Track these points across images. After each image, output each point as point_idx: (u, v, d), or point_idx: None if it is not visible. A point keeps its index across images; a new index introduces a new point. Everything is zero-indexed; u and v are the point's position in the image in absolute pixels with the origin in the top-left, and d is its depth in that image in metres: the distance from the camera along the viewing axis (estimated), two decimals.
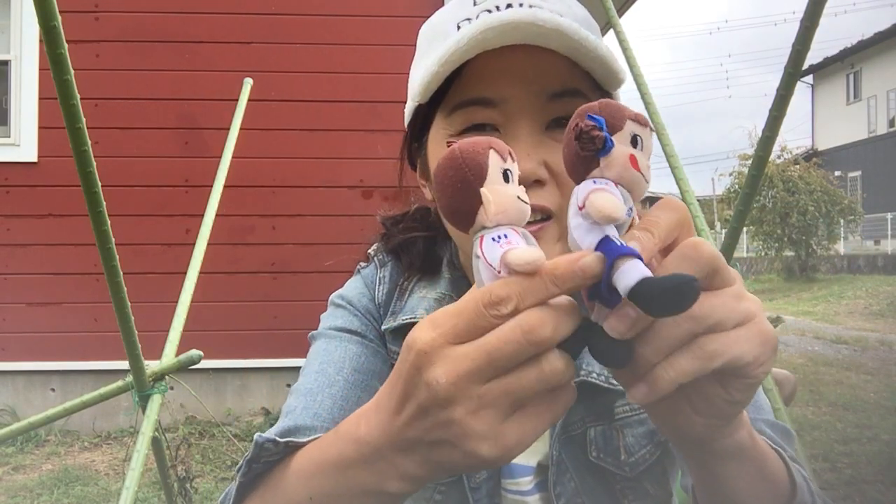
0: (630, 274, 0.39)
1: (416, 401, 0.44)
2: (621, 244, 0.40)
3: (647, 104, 1.96)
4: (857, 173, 25.10)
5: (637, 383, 0.45)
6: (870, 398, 6.02)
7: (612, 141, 0.42)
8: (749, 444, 0.53)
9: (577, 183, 0.44)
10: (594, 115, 0.43)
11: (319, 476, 0.56)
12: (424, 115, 0.75)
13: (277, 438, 0.64)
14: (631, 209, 0.43)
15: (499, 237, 0.42)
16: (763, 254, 19.11)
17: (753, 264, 20.78)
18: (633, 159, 0.42)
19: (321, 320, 0.85)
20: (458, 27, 0.69)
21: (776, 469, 0.58)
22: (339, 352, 0.79)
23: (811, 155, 24.44)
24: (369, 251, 0.90)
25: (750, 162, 1.56)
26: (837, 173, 21.19)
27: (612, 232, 0.41)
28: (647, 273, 0.39)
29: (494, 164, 0.42)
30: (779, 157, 18.97)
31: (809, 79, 29.03)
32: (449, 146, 0.44)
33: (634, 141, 0.43)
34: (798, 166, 18.17)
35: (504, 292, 0.41)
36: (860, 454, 4.40)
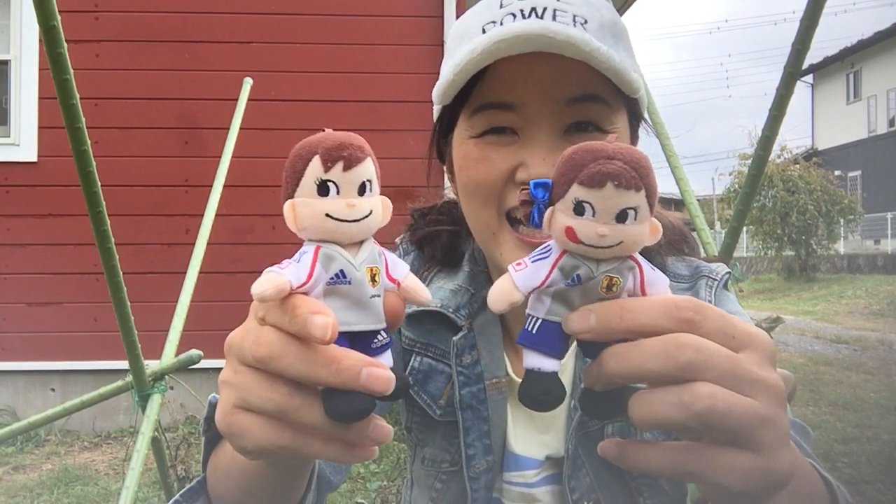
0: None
1: None
2: (533, 331, 0.42)
3: (648, 104, 1.96)
4: (857, 173, 25.08)
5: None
6: (870, 398, 6.01)
7: (537, 219, 0.41)
8: None
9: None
10: (540, 181, 0.41)
11: None
12: (450, 114, 0.76)
13: None
14: (587, 273, 0.41)
15: (300, 254, 0.41)
16: (763, 253, 19.09)
17: (753, 264, 20.77)
18: (568, 231, 0.39)
19: None
20: (483, 30, 0.69)
21: None
22: None
23: (811, 154, 24.42)
24: (396, 240, 0.93)
25: (750, 161, 1.56)
26: (837, 173, 21.15)
27: (539, 311, 0.42)
28: (531, 365, 0.42)
29: (312, 173, 0.39)
30: (779, 156, 18.97)
31: (809, 78, 29.01)
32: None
33: (579, 208, 0.39)
34: (798, 166, 18.15)
35: (259, 299, 0.40)
36: (860, 454, 4.40)
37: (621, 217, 0.39)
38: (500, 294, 0.41)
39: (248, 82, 2.53)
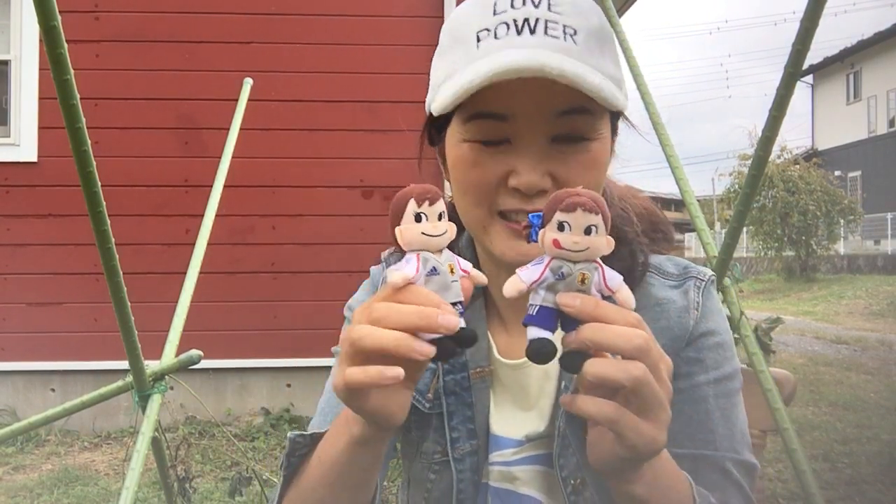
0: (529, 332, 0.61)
1: None
2: (534, 314, 0.60)
3: (648, 104, 1.96)
4: (857, 173, 25.09)
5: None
6: (870, 398, 6.02)
7: (534, 236, 0.60)
8: (643, 497, 0.66)
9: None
10: (535, 213, 0.61)
11: (323, 445, 0.75)
12: (445, 115, 0.80)
13: (304, 432, 0.79)
14: (568, 270, 0.59)
15: (407, 259, 0.61)
16: (763, 254, 19.10)
17: (753, 264, 20.77)
18: (555, 242, 0.57)
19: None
20: (478, 38, 0.74)
21: None
22: None
23: (811, 155, 24.40)
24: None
25: (750, 162, 1.56)
26: (837, 173, 21.17)
27: (537, 300, 0.60)
28: (534, 336, 0.60)
29: (410, 209, 0.59)
30: (779, 157, 18.95)
31: (809, 79, 29.02)
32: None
33: (560, 226, 0.57)
34: (798, 166, 18.15)
35: (392, 286, 0.59)
36: (860, 454, 4.40)
37: (587, 231, 0.57)
38: (512, 285, 0.59)
39: (248, 82, 2.53)
